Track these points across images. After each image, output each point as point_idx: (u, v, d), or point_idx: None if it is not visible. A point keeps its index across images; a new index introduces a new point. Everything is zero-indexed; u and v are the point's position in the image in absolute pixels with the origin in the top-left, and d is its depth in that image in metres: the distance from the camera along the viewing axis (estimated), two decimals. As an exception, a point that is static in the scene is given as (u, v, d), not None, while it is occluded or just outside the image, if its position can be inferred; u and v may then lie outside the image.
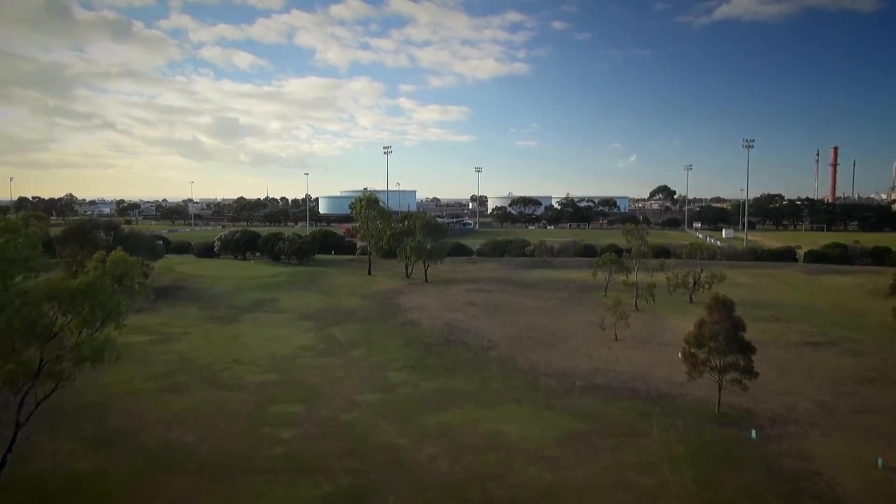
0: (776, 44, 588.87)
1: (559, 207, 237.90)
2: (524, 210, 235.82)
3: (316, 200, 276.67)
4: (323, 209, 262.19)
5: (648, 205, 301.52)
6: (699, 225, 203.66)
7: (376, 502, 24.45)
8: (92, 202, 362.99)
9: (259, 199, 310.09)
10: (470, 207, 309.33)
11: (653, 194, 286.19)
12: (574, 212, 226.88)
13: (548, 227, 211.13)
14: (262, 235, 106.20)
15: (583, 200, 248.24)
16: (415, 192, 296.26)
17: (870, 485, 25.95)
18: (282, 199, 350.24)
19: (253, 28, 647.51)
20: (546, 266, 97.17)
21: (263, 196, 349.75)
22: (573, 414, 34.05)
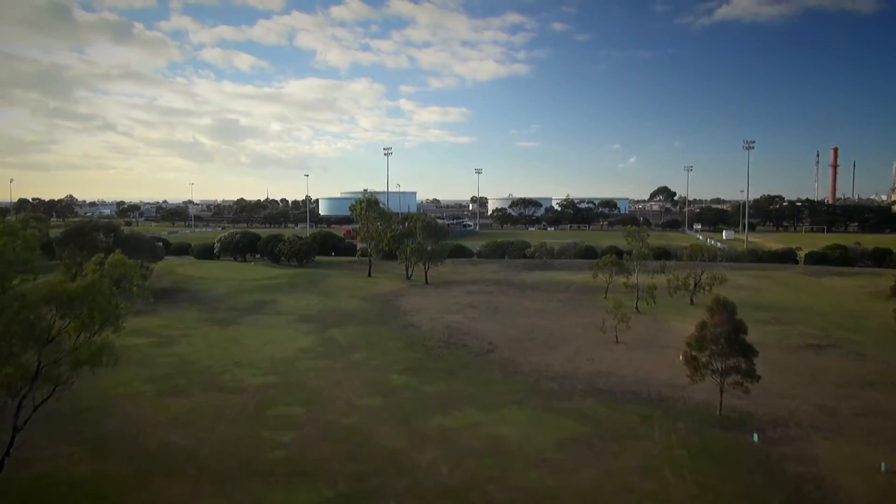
0: (776, 45, 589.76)
1: (559, 209, 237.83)
2: (524, 211, 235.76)
3: (316, 202, 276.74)
4: (323, 211, 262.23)
5: (649, 206, 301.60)
6: (699, 226, 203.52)
7: (376, 507, 24.31)
8: (92, 204, 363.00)
9: (259, 201, 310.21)
10: (470, 209, 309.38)
11: (653, 195, 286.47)
12: (574, 213, 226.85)
13: (548, 229, 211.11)
14: (262, 237, 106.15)
15: (583, 202, 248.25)
16: (415, 194, 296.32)
17: (873, 489, 25.79)
18: (282, 201, 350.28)
19: (253, 29, 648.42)
20: (546, 268, 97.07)
21: (264, 197, 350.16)
22: (574, 417, 33.90)
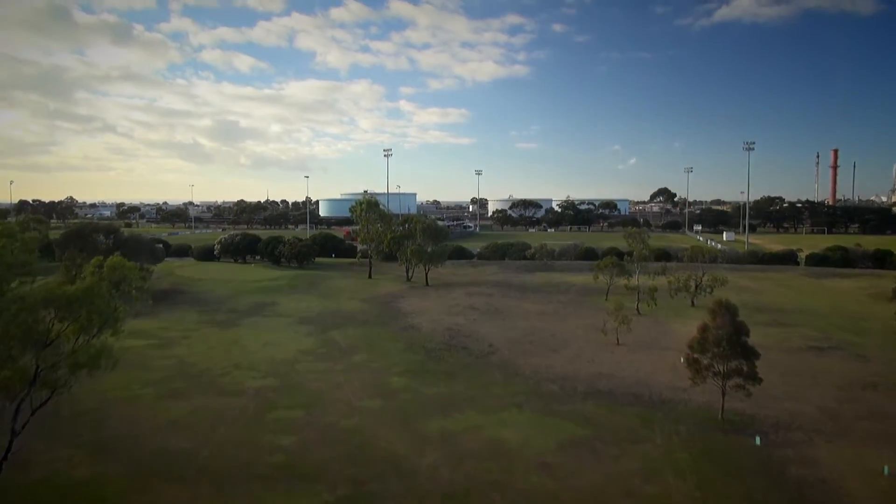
0: (776, 46, 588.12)
1: (560, 210, 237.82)
2: (524, 213, 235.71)
3: (316, 203, 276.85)
4: (323, 212, 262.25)
5: (649, 207, 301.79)
6: (699, 227, 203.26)
7: (376, 511, 24.19)
8: (92, 205, 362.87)
9: (259, 202, 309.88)
10: (470, 210, 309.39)
11: (653, 197, 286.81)
12: (574, 214, 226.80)
13: (548, 230, 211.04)
14: (262, 239, 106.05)
15: (583, 203, 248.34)
16: (415, 195, 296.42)
17: (876, 493, 25.64)
18: (282, 202, 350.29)
19: (253, 31, 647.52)
20: (547, 269, 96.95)
21: (264, 199, 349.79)
22: (575, 420, 33.74)
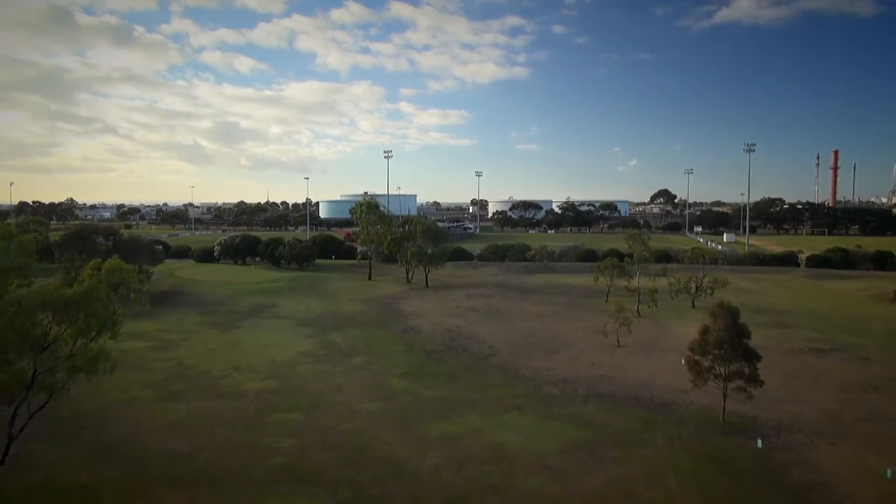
0: (776, 48, 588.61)
1: (560, 211, 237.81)
2: (525, 214, 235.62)
3: (316, 205, 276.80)
4: (323, 213, 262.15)
5: (649, 208, 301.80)
6: (700, 229, 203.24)
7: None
8: (93, 206, 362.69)
9: (259, 204, 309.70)
10: (471, 211, 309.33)
11: (654, 198, 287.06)
12: (575, 216, 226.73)
13: (548, 232, 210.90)
14: (263, 240, 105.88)
15: (583, 204, 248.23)
16: (415, 196, 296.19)
17: (879, 496, 25.48)
18: (282, 204, 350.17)
19: (254, 32, 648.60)
20: (547, 271, 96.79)
21: (264, 200, 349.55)
22: (576, 423, 33.57)
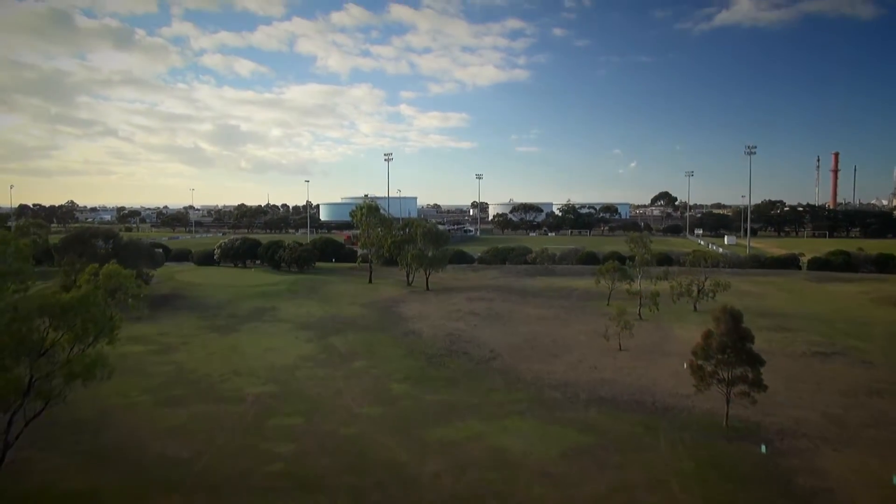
0: (776, 50, 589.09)
1: (560, 214, 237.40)
2: (525, 217, 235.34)
3: (317, 207, 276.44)
4: (324, 216, 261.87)
5: (650, 211, 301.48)
6: (700, 231, 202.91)
7: (377, 522, 23.78)
8: (93, 209, 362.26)
9: (260, 206, 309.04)
10: (471, 214, 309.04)
11: (654, 200, 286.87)
12: (575, 218, 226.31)
13: (549, 234, 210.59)
14: (263, 243, 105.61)
15: (584, 207, 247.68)
16: (416, 199, 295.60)
17: (885, 503, 25.19)
18: (282, 206, 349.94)
19: (254, 35, 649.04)
20: (548, 274, 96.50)
21: (264, 203, 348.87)
22: (578, 428, 33.30)
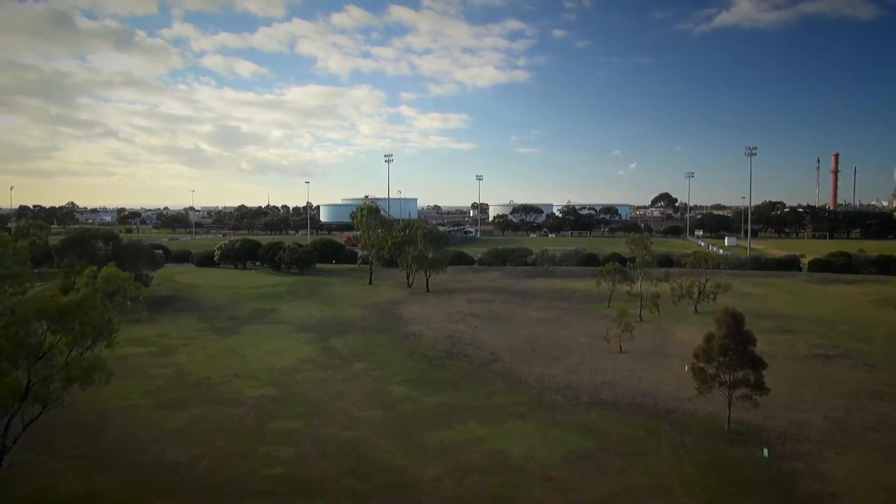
0: (776, 51, 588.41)
1: (560, 215, 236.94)
2: (525, 218, 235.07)
3: (317, 208, 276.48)
4: (324, 217, 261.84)
5: (650, 212, 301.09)
6: (700, 232, 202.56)
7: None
8: (93, 210, 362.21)
9: (260, 207, 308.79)
10: (471, 215, 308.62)
11: (654, 202, 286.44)
12: (575, 220, 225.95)
13: (549, 236, 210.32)
14: (263, 244, 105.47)
15: (584, 208, 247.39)
16: (416, 200, 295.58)
17: (889, 508, 25.03)
18: (283, 207, 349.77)
19: (254, 37, 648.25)
20: (548, 275, 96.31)
21: (265, 204, 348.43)
22: (579, 431, 33.12)
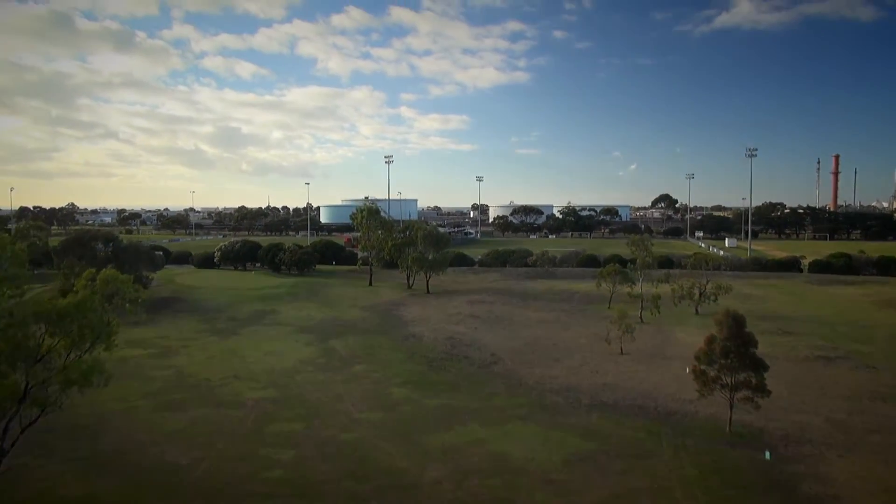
0: (776, 52, 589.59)
1: (561, 216, 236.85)
2: (526, 219, 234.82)
3: (317, 209, 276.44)
4: (324, 218, 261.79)
5: (650, 213, 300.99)
6: (701, 234, 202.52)
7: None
8: (94, 211, 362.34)
9: (260, 208, 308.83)
10: (471, 216, 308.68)
11: (655, 203, 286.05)
12: (576, 221, 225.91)
13: (549, 237, 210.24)
14: (263, 246, 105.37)
15: (584, 209, 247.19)
16: (416, 201, 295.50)
17: (892, 511, 24.91)
18: (283, 209, 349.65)
19: (255, 38, 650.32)
20: (549, 277, 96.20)
21: (265, 205, 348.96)
22: (580, 433, 33.00)
